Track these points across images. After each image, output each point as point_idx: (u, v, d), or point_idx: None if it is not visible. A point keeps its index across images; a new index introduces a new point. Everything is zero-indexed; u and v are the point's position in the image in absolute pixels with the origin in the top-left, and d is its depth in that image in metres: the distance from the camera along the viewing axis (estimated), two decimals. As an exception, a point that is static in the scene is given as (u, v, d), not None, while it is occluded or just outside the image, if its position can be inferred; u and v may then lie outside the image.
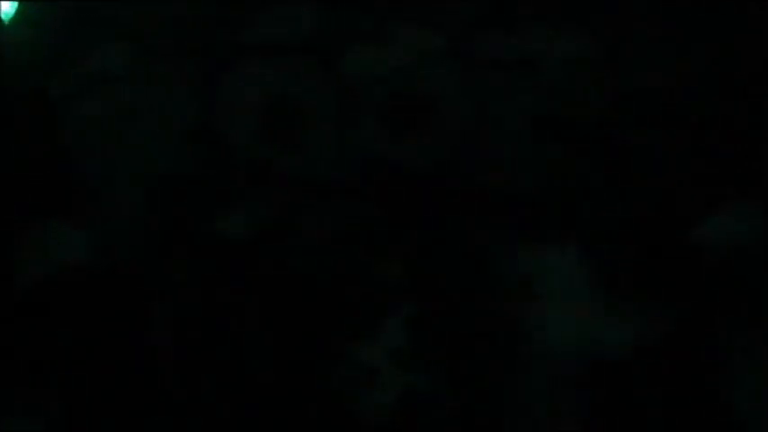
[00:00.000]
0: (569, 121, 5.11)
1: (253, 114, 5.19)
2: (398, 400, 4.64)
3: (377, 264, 4.93)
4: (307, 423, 4.65)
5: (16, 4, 5.10)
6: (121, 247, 5.00)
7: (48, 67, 5.15)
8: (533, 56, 5.16)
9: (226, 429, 4.65)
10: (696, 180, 4.71)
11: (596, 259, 4.10)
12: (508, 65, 5.17)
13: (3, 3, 5.10)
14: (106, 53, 5.15)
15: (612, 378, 3.82)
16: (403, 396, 4.64)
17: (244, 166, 5.18)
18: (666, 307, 4.05)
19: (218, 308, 4.87)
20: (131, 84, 5.16)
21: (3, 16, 5.10)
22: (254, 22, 5.22)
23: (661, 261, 4.46)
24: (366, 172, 5.12)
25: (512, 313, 4.43)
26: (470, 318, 4.79)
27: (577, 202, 5.00)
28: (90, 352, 4.65)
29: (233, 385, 4.72)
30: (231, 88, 5.21)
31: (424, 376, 4.66)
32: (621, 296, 4.03)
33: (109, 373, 4.66)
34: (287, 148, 5.18)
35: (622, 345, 3.75)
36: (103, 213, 5.10)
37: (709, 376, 3.75)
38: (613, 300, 4.02)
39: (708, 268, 4.17)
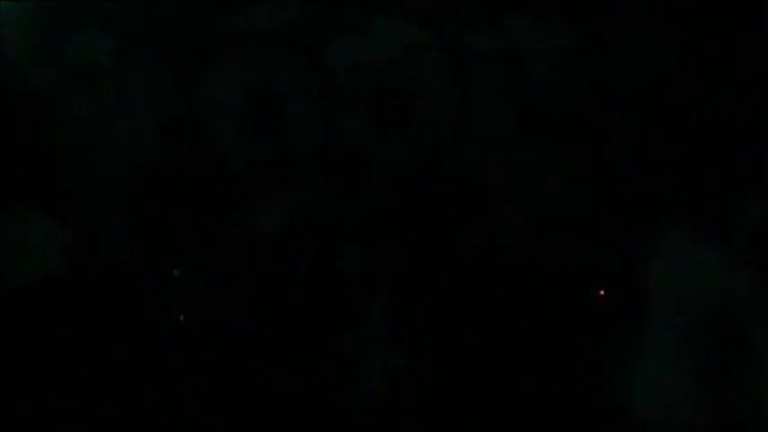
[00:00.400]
0: (556, 114, 5.13)
1: (236, 106, 5.17)
2: (383, 386, 4.68)
3: (362, 254, 4.95)
4: (298, 410, 4.68)
5: None
6: (103, 244, 4.99)
7: (32, 61, 5.09)
8: (520, 50, 5.17)
9: (220, 420, 4.66)
10: (692, 176, 4.74)
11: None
12: (495, 58, 5.18)
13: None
14: (91, 47, 5.10)
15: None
16: (388, 382, 4.68)
17: (228, 160, 5.17)
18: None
19: (212, 304, 4.88)
20: (116, 77, 5.11)
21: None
22: (239, 14, 5.18)
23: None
24: (350, 164, 5.12)
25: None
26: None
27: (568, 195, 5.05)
28: (87, 351, 4.63)
29: (228, 378, 4.74)
30: (216, 81, 5.18)
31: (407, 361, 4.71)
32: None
33: (106, 372, 4.66)
34: (270, 141, 5.17)
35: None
36: (87, 210, 5.07)
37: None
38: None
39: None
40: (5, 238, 4.80)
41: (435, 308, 4.82)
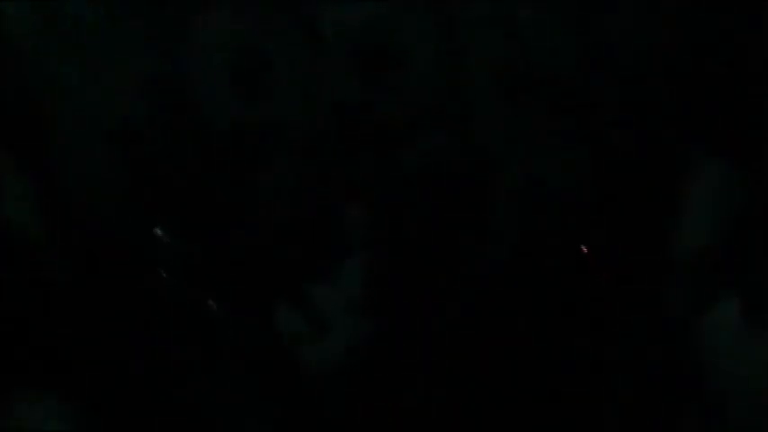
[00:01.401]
0: (541, 76, 5.14)
1: (222, 65, 5.13)
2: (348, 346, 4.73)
3: (340, 209, 4.98)
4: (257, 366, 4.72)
5: None
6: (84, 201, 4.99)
7: (18, 14, 5.00)
8: (506, 11, 5.17)
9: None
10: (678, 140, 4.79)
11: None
12: (481, 20, 5.17)
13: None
14: (77, 2, 5.03)
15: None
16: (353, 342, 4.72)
17: (213, 117, 5.14)
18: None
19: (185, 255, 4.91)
20: (102, 32, 5.05)
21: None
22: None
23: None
24: (337, 123, 5.13)
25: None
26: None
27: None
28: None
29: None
30: (202, 39, 5.13)
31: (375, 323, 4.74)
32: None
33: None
34: (256, 99, 5.15)
35: None
36: (70, 167, 5.04)
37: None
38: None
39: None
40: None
41: (417, 273, 4.87)
